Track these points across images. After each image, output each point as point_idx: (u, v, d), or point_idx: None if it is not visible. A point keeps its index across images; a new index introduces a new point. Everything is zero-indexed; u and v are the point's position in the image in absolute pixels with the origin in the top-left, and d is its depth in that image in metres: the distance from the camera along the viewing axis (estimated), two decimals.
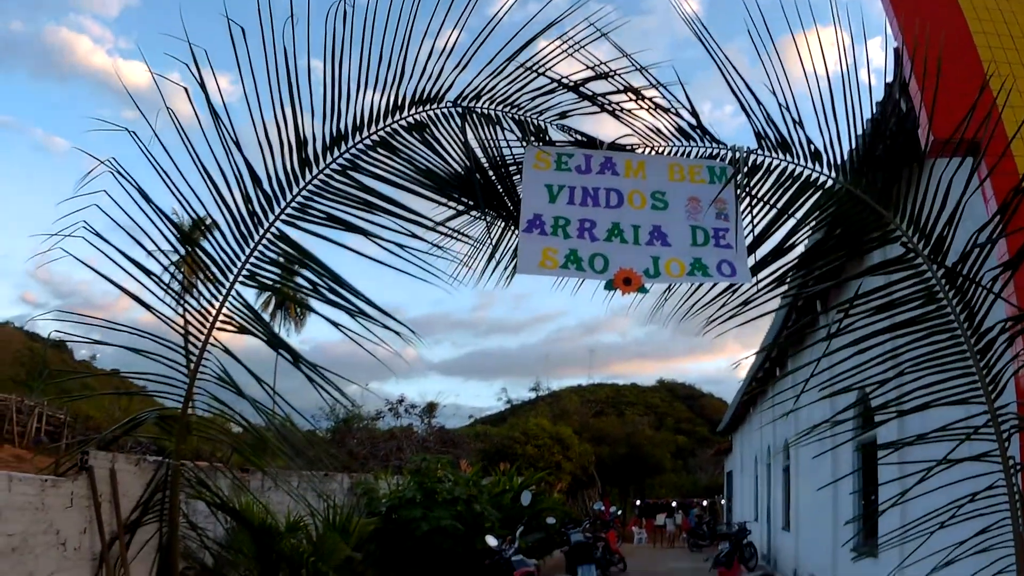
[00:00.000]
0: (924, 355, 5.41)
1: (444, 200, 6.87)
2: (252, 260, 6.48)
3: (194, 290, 6.53)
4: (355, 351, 6.14)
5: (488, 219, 6.99)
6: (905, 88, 6.15)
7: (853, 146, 6.08)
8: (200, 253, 6.49)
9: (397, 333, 6.26)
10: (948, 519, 5.17)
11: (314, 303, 6.68)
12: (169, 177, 6.06)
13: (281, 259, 6.62)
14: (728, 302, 6.34)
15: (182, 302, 6.46)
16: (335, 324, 6.41)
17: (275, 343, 6.78)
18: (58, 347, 58.78)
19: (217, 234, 6.39)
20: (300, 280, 6.80)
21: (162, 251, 6.27)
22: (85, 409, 40.40)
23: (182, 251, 6.50)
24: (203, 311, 6.43)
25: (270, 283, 6.83)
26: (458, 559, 11.02)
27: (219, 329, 6.42)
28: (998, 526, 5.05)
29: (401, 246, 6.49)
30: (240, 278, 6.45)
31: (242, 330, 6.57)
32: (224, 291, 6.41)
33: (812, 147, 6.24)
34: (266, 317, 8.48)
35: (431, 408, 35.46)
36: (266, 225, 6.48)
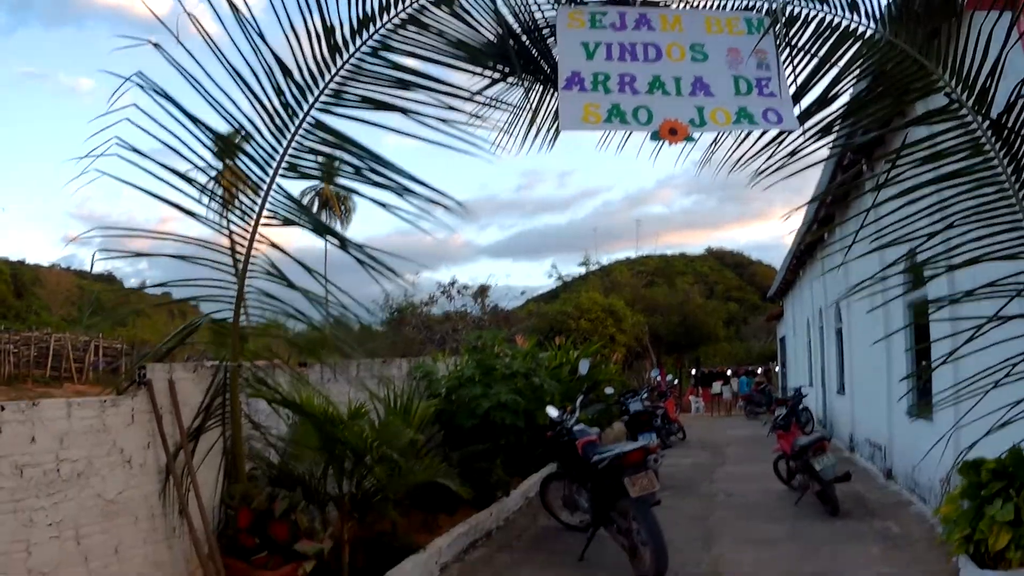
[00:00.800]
0: (971, 208, 5.35)
1: (479, 70, 6.79)
2: (291, 151, 6.48)
3: (234, 188, 6.57)
4: (403, 245, 6.17)
5: (526, 84, 6.93)
6: None
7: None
8: (238, 152, 6.50)
9: (445, 207, 6.30)
10: (1002, 377, 5.16)
11: (359, 187, 6.71)
12: (198, 82, 6.08)
13: (320, 147, 6.61)
14: (775, 153, 6.27)
15: (223, 202, 6.52)
16: (382, 204, 6.46)
17: (321, 230, 6.84)
18: (107, 280, 59.97)
19: (253, 130, 6.38)
20: (342, 167, 6.79)
21: (198, 155, 6.30)
22: (141, 336, 41.42)
23: (218, 153, 6.51)
24: (246, 209, 6.48)
25: (311, 171, 6.83)
26: (520, 433, 11.19)
27: (264, 225, 6.48)
28: None
29: (441, 119, 6.47)
30: (280, 170, 6.47)
31: (287, 222, 6.63)
32: (265, 185, 6.45)
33: None
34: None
35: (483, 291, 35.63)
36: (301, 115, 6.46)
